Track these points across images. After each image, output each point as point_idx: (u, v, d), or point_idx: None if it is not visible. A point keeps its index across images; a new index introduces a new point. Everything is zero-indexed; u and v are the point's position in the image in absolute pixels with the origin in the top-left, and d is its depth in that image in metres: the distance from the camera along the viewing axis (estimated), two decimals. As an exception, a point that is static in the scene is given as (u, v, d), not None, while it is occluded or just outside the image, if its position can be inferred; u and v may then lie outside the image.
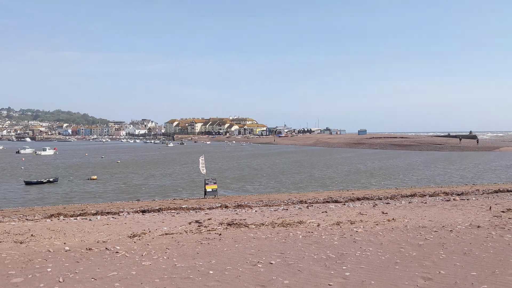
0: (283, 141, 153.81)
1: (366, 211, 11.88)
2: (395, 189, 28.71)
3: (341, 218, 10.51)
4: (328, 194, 24.83)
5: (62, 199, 29.35)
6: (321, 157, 76.81)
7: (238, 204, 17.65)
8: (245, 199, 22.79)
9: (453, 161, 64.45)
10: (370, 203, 17.13)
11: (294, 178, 41.58)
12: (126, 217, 13.54)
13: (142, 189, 33.41)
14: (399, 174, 46.75)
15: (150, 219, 11.75)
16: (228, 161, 66.89)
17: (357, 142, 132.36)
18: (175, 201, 22.50)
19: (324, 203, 17.70)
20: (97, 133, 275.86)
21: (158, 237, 8.46)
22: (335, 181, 39.00)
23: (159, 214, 14.24)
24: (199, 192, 29.39)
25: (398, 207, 13.81)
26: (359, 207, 14.98)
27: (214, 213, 13.77)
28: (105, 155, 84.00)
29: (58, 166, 58.57)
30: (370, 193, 24.84)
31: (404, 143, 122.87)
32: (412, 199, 18.56)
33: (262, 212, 13.97)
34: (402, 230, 8.45)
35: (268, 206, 16.81)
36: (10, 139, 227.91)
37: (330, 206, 15.89)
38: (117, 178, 42.14)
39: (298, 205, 16.94)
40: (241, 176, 43.07)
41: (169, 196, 29.64)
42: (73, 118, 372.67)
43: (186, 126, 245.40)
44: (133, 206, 20.19)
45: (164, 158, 75.09)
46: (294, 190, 32.52)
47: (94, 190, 33.87)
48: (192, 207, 16.82)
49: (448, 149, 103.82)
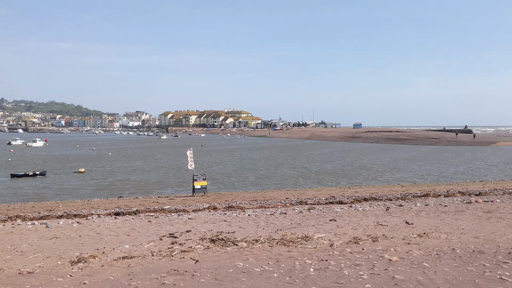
0: (278, 134, 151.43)
1: (384, 220, 9.56)
2: (400, 186, 26.45)
3: (357, 230, 8.18)
4: (329, 192, 22.52)
5: (40, 194, 27.06)
6: (316, 150, 74.62)
7: (228, 205, 15.27)
8: (237, 197, 20.43)
9: (451, 156, 62.55)
10: (380, 205, 14.82)
11: (289, 172, 39.26)
12: (93, 222, 11.16)
13: (127, 185, 30.98)
14: (399, 169, 44.71)
15: (117, 228, 9.36)
16: (221, 154, 64.46)
17: (353, 135, 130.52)
18: (159, 200, 20.08)
19: (327, 205, 15.37)
20: (90, 124, 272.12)
21: (109, 265, 6.09)
22: (333, 176, 36.76)
23: (134, 219, 11.85)
24: (188, 188, 27.03)
25: (418, 213, 11.50)
26: (371, 211, 12.66)
27: (199, 219, 11.39)
28: (96, 147, 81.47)
29: (46, 158, 56.11)
30: (375, 191, 22.55)
31: (400, 137, 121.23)
32: (426, 200, 16.29)
33: (256, 217, 11.62)
34: (453, 257, 6.10)
35: (263, 208, 14.45)
36: (2, 130, 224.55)
37: (335, 209, 13.56)
38: (104, 172, 39.95)
39: (297, 207, 14.61)
40: (234, 171, 40.67)
41: (155, 192, 27.25)
42: (67, 109, 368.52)
43: (180, 119, 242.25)
44: (110, 205, 17.77)
45: (156, 151, 72.55)
46: (290, 186, 30.22)
47: (78, 184, 31.61)
48: (175, 209, 14.40)
49: (444, 143, 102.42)
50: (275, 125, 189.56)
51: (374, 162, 52.30)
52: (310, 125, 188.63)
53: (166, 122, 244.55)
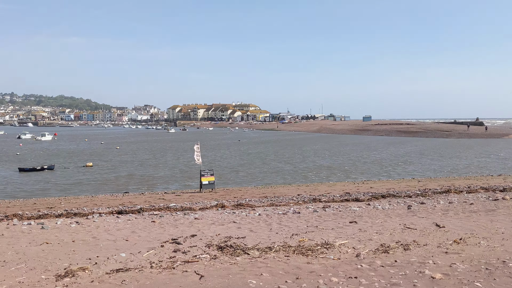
0: (287, 128, 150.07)
1: (411, 222, 8.56)
2: (417, 181, 25.32)
3: (383, 235, 7.21)
4: (343, 188, 21.51)
5: (45, 189, 26.51)
6: (325, 144, 73.40)
7: (237, 203, 14.37)
8: (246, 193, 19.54)
9: (464, 149, 60.94)
10: (400, 202, 13.82)
11: (299, 166, 38.23)
12: (93, 222, 10.33)
13: (134, 179, 30.26)
14: (411, 162, 43.45)
15: (116, 231, 8.49)
16: (229, 148, 63.61)
17: (362, 128, 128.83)
18: (165, 196, 19.28)
19: (343, 202, 14.41)
20: (99, 118, 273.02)
21: (99, 280, 5.20)
22: (344, 170, 35.68)
23: (137, 218, 11.01)
24: (195, 183, 26.18)
25: (446, 213, 10.50)
26: (392, 210, 11.67)
27: (206, 219, 10.51)
28: (104, 141, 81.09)
29: (55, 152, 55.72)
30: (391, 186, 21.49)
31: (410, 129, 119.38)
32: (448, 197, 15.24)
33: (268, 217, 10.71)
34: (507, 273, 5.09)
35: (274, 206, 13.54)
36: (13, 124, 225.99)
37: (352, 207, 12.59)
38: (112, 166, 39.29)
39: (311, 205, 13.66)
40: (243, 165, 39.76)
41: (161, 188, 26.46)
42: (76, 103, 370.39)
43: (188, 112, 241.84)
44: (114, 202, 17.01)
45: (163, 145, 71.99)
46: (301, 181, 29.24)
47: (85, 179, 31.04)
48: (181, 207, 13.53)
49: (456, 136, 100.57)
50: (283, 118, 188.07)
51: (385, 156, 51.03)
52: (319, 118, 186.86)
53: (174, 116, 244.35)
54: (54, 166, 37.07)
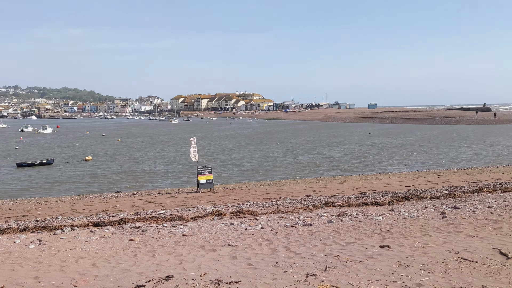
0: (291, 117, 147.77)
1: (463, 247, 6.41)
2: (436, 175, 23.11)
3: (435, 275, 5.07)
4: (356, 185, 19.41)
5: (36, 187, 25.33)
6: (331, 133, 71.24)
7: (237, 210, 12.36)
8: (248, 193, 17.53)
9: (475, 135, 58.63)
10: (429, 207, 11.67)
11: (305, 158, 36.20)
12: (59, 240, 8.29)
13: (129, 176, 28.40)
14: (423, 151, 41.47)
15: (74, 262, 6.42)
16: (233, 139, 61.59)
17: (368, 116, 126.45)
18: (157, 198, 17.31)
19: (361, 207, 12.32)
20: (102, 110, 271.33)
21: None
22: (353, 162, 33.59)
23: (113, 234, 8.97)
24: (194, 180, 24.17)
25: (495, 224, 8.40)
26: (425, 221, 9.52)
27: (196, 236, 8.50)
28: (106, 133, 79.43)
29: (55, 146, 54.16)
30: (409, 182, 19.36)
31: (417, 116, 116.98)
32: (483, 198, 13.07)
33: (273, 232, 8.69)
34: None
35: (280, 214, 11.53)
36: (16, 117, 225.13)
37: (374, 216, 10.47)
38: (111, 160, 38.02)
39: (324, 212, 11.58)
40: (246, 157, 37.76)
41: (157, 185, 24.57)
42: (79, 95, 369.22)
43: (192, 102, 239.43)
44: (97, 207, 15.04)
45: (165, 137, 70.10)
46: (307, 175, 27.24)
47: (80, 175, 29.81)
48: (170, 216, 11.51)
49: (464, 123, 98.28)
50: (287, 107, 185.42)
51: (394, 144, 48.95)
52: (324, 106, 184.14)
53: (178, 106, 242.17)
54: (53, 161, 35.98)
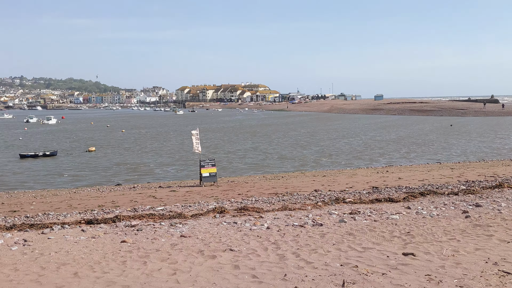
0: (297, 108, 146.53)
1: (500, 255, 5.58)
2: (449, 168, 22.12)
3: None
4: (366, 178, 18.52)
5: (35, 179, 24.63)
6: (337, 124, 70.21)
7: (241, 206, 11.60)
8: (253, 188, 16.73)
9: (483, 127, 57.33)
10: (448, 204, 10.80)
11: (311, 150, 35.30)
12: (46, 240, 7.55)
13: (131, 168, 27.72)
14: (432, 142, 40.52)
15: (55, 270, 5.64)
16: (238, 131, 60.76)
17: (374, 108, 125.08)
18: (157, 192, 16.57)
19: (374, 204, 11.50)
20: (108, 101, 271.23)
21: None
22: (360, 154, 32.67)
23: (105, 234, 8.20)
24: (197, 173, 23.41)
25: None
26: (447, 221, 8.68)
27: (195, 237, 7.72)
28: (110, 124, 78.95)
29: (59, 136, 53.70)
30: (422, 176, 18.45)
31: (424, 108, 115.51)
32: (504, 194, 12.18)
33: (280, 234, 7.90)
34: None
35: (287, 211, 10.76)
36: (22, 107, 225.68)
37: (390, 215, 9.63)
38: (114, 151, 37.45)
39: (334, 209, 10.75)
40: (251, 149, 36.95)
41: (159, 178, 23.84)
42: (85, 86, 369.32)
43: (197, 93, 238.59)
44: (94, 202, 14.32)
45: (169, 128, 69.44)
46: (314, 168, 26.38)
47: (82, 166, 29.24)
48: (169, 213, 10.74)
49: (471, 114, 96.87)
50: (293, 98, 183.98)
51: (402, 136, 47.94)
52: (329, 97, 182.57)
53: (183, 97, 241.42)
54: (56, 152, 35.61)
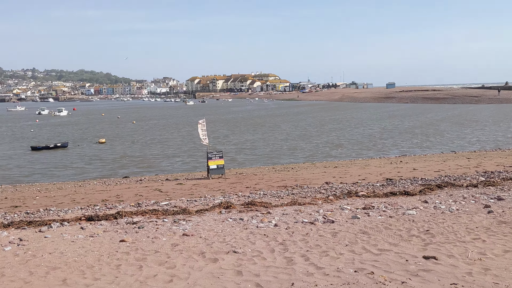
0: (307, 97, 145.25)
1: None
2: (466, 158, 21.29)
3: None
4: (379, 170, 17.86)
5: (43, 172, 24.48)
6: (348, 113, 69.28)
7: (249, 201, 11.12)
8: (262, 180, 16.24)
9: (499, 115, 55.87)
10: (468, 197, 10.12)
11: (322, 140, 34.65)
12: (43, 239, 7.13)
13: (140, 159, 27.50)
14: (445, 131, 39.63)
15: (44, 275, 5.25)
16: (247, 121, 60.23)
17: (386, 96, 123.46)
18: (164, 185, 16.20)
19: (388, 197, 10.90)
20: (119, 92, 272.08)
21: None
22: (372, 144, 31.97)
23: (105, 231, 7.73)
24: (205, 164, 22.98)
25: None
26: (468, 216, 8.04)
27: (197, 236, 7.22)
28: (121, 115, 79.07)
29: (69, 128, 53.92)
30: (438, 167, 17.71)
31: (436, 96, 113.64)
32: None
33: (288, 232, 7.36)
34: None
35: (296, 206, 10.22)
36: (34, 99, 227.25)
37: (407, 210, 9.00)
38: (124, 143, 37.43)
39: (347, 204, 10.13)
40: (261, 140, 36.43)
41: (167, 170, 23.57)
42: (96, 77, 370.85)
43: (207, 84, 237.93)
44: (98, 196, 13.95)
45: (179, 119, 69.22)
46: (325, 159, 25.78)
47: (91, 158, 29.16)
48: (174, 208, 10.34)
49: (486, 102, 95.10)
50: (303, 87, 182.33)
51: (415, 125, 46.99)
52: (340, 86, 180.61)
53: (193, 88, 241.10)
54: (67, 144, 35.70)
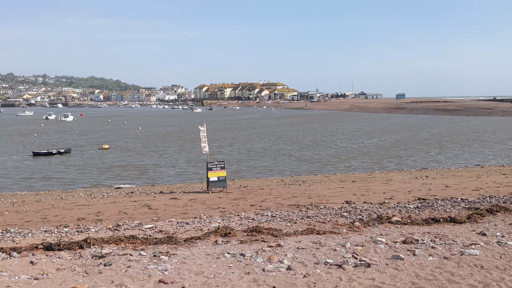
0: (315, 106, 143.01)
1: None
2: (501, 174, 18.91)
3: None
4: (404, 186, 15.50)
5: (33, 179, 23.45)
6: (358, 124, 67.12)
7: (253, 226, 8.88)
8: (269, 195, 14.03)
9: None
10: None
11: (335, 151, 32.35)
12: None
13: (137, 168, 25.59)
14: (463, 143, 37.42)
15: None
16: (254, 130, 58.15)
17: (396, 106, 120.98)
18: (155, 200, 14.04)
19: (430, 226, 8.57)
20: (128, 99, 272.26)
21: None
22: (389, 156, 29.75)
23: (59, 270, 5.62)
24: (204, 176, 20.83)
25: None
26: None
27: (182, 279, 5.04)
28: (128, 122, 77.66)
29: (74, 134, 52.66)
30: (473, 184, 15.32)
31: (448, 107, 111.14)
32: None
33: (307, 279, 5.13)
34: None
35: (315, 235, 7.96)
36: (43, 105, 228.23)
37: (468, 250, 6.69)
38: (126, 150, 36.47)
39: (381, 237, 7.72)
40: (268, 149, 34.31)
41: (163, 180, 21.70)
42: (106, 84, 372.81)
43: (215, 92, 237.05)
44: (75, 213, 11.83)
45: (183, 126, 67.43)
46: (339, 171, 23.51)
47: (90, 164, 28.22)
48: (158, 234, 8.17)
49: (499, 114, 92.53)
50: (312, 96, 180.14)
51: (429, 136, 44.74)
52: (349, 96, 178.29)
53: (201, 95, 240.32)
54: (70, 150, 34.94)
